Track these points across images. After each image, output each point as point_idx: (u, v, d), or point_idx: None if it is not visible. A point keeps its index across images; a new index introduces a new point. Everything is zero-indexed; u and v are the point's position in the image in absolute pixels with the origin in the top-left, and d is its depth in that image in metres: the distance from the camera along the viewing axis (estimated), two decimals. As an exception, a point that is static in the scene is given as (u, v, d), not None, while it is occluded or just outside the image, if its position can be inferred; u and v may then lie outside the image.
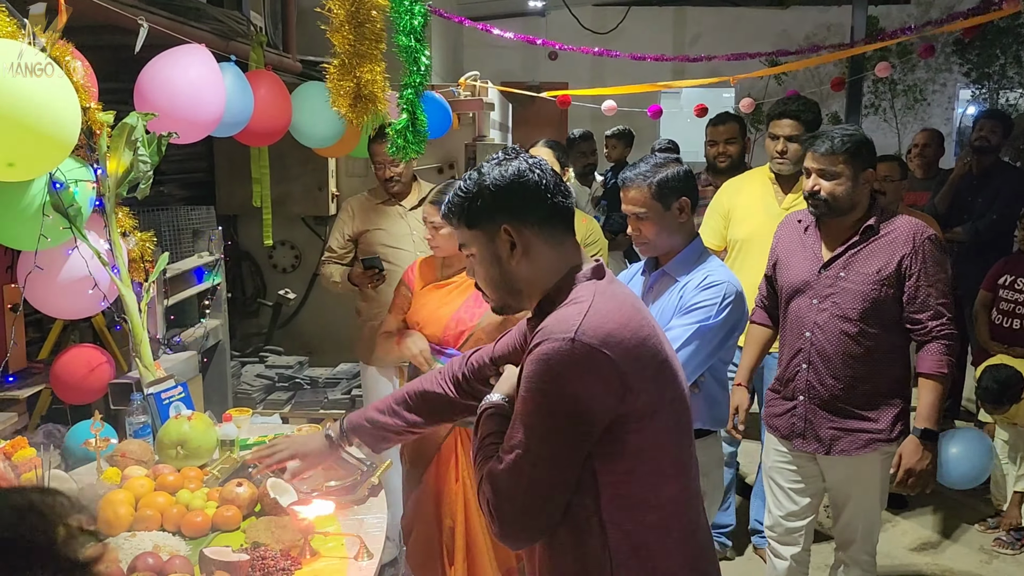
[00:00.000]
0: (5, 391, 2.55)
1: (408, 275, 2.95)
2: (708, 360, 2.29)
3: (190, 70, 2.76)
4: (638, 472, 1.47)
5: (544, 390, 1.43)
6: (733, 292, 2.29)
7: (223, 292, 3.77)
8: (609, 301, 1.50)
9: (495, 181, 1.51)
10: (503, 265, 1.55)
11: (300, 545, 2.04)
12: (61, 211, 2.33)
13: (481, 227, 1.54)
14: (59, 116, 1.91)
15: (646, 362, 1.45)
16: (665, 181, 2.31)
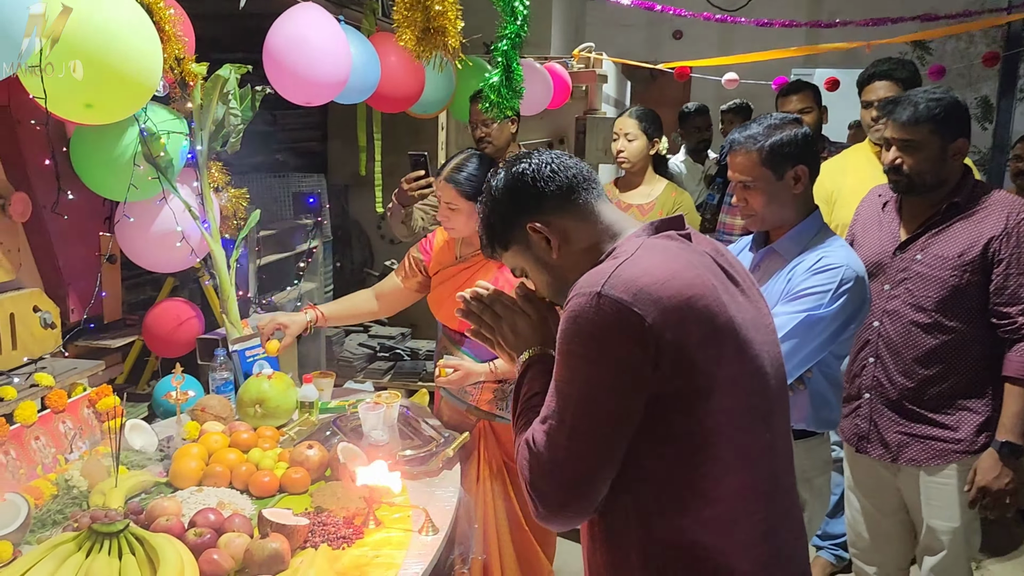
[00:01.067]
0: (97, 340, 2.59)
1: (424, 245, 2.74)
2: (817, 354, 2.00)
3: (319, 30, 2.67)
4: (690, 460, 1.27)
5: (574, 352, 1.25)
6: (852, 277, 1.98)
7: (319, 256, 3.75)
8: (655, 255, 1.30)
9: (498, 192, 1.44)
10: (551, 264, 1.42)
11: (364, 514, 1.96)
12: (151, 161, 2.32)
13: (514, 241, 1.44)
14: (139, 59, 1.87)
15: (691, 328, 1.23)
16: (779, 145, 2.03)
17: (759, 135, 2.05)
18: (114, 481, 2.01)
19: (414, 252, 2.72)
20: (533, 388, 1.39)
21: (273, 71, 2.64)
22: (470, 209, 2.43)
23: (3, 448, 1.99)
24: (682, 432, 1.26)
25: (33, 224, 2.35)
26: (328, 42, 2.66)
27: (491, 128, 3.24)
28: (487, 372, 2.43)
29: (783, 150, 2.03)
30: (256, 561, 1.71)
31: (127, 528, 1.62)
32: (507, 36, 2.49)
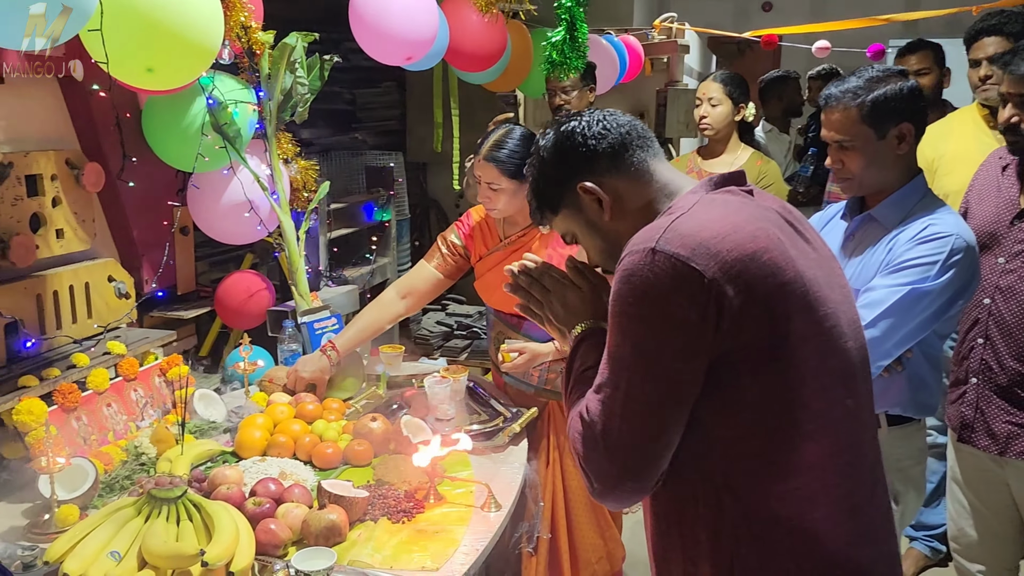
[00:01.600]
0: (171, 311, 2.62)
1: (461, 224, 2.55)
2: (919, 332, 1.82)
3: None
4: (761, 428, 1.15)
5: (628, 313, 1.15)
6: (962, 248, 1.79)
7: (393, 232, 3.72)
8: (713, 209, 1.19)
9: (547, 152, 1.35)
10: (603, 227, 1.33)
11: (426, 488, 1.91)
12: (219, 131, 2.31)
13: (564, 202, 1.35)
14: (199, 22, 1.85)
15: (755, 283, 1.12)
16: (882, 100, 1.82)
17: (859, 89, 1.85)
18: (180, 449, 2.01)
19: (450, 236, 2.55)
20: (586, 362, 1.30)
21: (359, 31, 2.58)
22: (513, 188, 2.31)
23: (75, 414, 2.02)
24: (752, 397, 1.15)
25: (107, 195, 2.38)
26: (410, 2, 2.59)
27: (570, 96, 3.13)
28: (552, 352, 2.34)
29: (886, 105, 1.83)
30: (312, 532, 1.67)
31: (184, 495, 1.60)
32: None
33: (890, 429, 1.97)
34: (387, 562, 1.65)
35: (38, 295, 2.13)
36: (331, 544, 1.66)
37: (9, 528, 1.78)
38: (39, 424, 1.85)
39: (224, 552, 1.49)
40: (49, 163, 2.16)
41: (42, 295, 2.14)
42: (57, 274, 2.19)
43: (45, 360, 2.09)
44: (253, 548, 1.58)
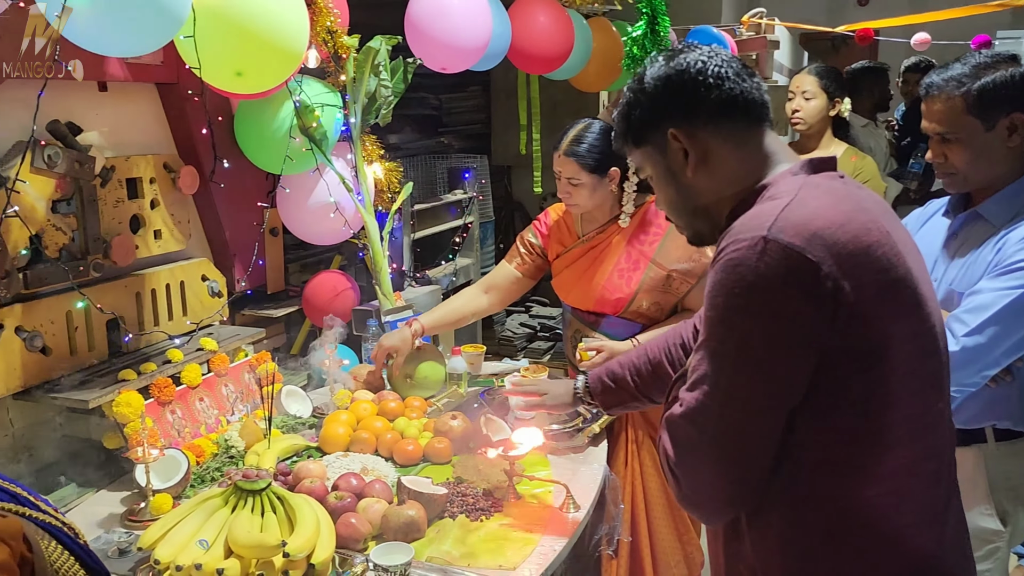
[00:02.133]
0: (261, 310, 2.70)
1: (539, 224, 2.54)
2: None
3: None
4: (852, 430, 1.09)
5: (732, 306, 1.08)
6: None
7: (475, 233, 3.75)
8: (822, 196, 1.12)
9: (653, 81, 1.24)
10: (681, 181, 1.25)
11: (504, 487, 1.90)
12: (306, 133, 2.37)
13: (648, 141, 1.27)
14: (286, 27, 1.90)
15: (869, 279, 1.06)
16: (990, 88, 1.70)
17: (964, 76, 1.73)
18: (267, 443, 2.07)
19: (527, 235, 2.54)
20: None
21: (415, 39, 2.63)
22: (593, 183, 2.29)
23: (170, 407, 2.10)
24: (849, 398, 1.08)
25: (201, 197, 2.47)
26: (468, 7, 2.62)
27: None
28: (631, 349, 2.30)
29: (995, 94, 1.71)
30: (392, 527, 1.69)
31: (269, 487, 1.64)
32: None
33: (998, 444, 1.84)
34: (464, 559, 1.65)
35: (137, 293, 2.22)
36: (410, 540, 1.67)
37: (108, 515, 1.87)
38: (136, 416, 1.93)
39: (305, 544, 1.52)
40: (148, 167, 2.26)
41: (141, 293, 2.23)
42: (155, 273, 2.28)
43: (143, 355, 2.18)
44: (334, 541, 1.60)
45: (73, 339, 2.04)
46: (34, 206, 1.90)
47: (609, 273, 2.36)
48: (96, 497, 1.96)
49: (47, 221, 1.95)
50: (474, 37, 2.69)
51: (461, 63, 2.73)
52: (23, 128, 1.84)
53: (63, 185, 1.99)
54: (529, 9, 3.04)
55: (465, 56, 2.70)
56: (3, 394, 1.88)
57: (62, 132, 1.99)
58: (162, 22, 1.64)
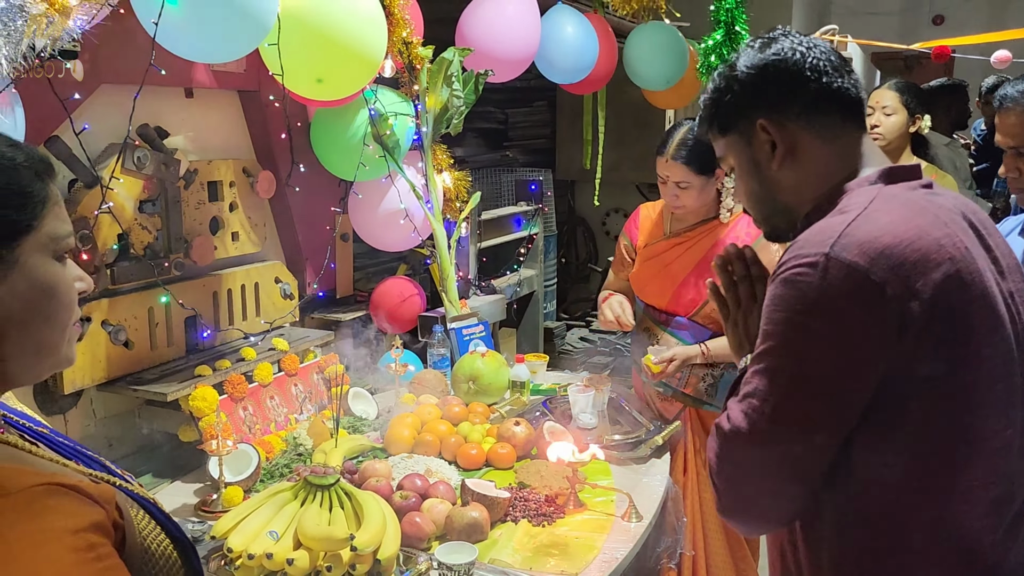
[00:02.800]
0: (331, 313, 2.76)
1: (630, 226, 2.55)
2: None
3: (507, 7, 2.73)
4: (913, 454, 1.04)
5: (793, 322, 1.05)
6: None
7: (540, 245, 3.77)
8: (895, 209, 1.07)
9: (747, 68, 1.19)
10: (763, 173, 1.21)
11: (567, 494, 1.90)
12: (380, 141, 2.43)
13: (735, 129, 1.22)
14: (365, 36, 1.96)
15: (940, 299, 1.01)
16: None
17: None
18: (335, 442, 2.11)
19: (623, 240, 2.57)
20: None
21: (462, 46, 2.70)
22: (702, 184, 2.30)
23: (242, 404, 2.16)
24: (912, 421, 1.04)
25: (277, 202, 2.54)
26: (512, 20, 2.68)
27: None
28: (699, 354, 2.29)
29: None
30: (455, 528, 1.71)
31: (337, 483, 1.67)
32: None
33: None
34: (526, 563, 1.66)
35: (214, 292, 2.30)
36: (473, 541, 1.68)
37: (181, 505, 1.93)
38: (211, 411, 1.99)
39: (372, 539, 1.54)
40: (228, 171, 2.34)
41: (217, 292, 2.31)
42: (231, 273, 2.36)
43: (218, 353, 2.26)
44: (399, 538, 1.62)
45: (154, 334, 2.12)
46: (123, 205, 1.99)
47: (689, 271, 2.36)
48: (171, 488, 2.02)
49: (134, 220, 2.04)
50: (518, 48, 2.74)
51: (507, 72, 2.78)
52: (115, 131, 1.94)
53: (150, 186, 2.07)
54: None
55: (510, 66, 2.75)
56: (88, 385, 1.96)
57: (151, 135, 2.08)
58: (250, 30, 1.71)
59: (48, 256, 0.81)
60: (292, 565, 1.50)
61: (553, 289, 4.82)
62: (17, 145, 0.82)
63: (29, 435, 0.87)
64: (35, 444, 0.84)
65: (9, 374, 0.80)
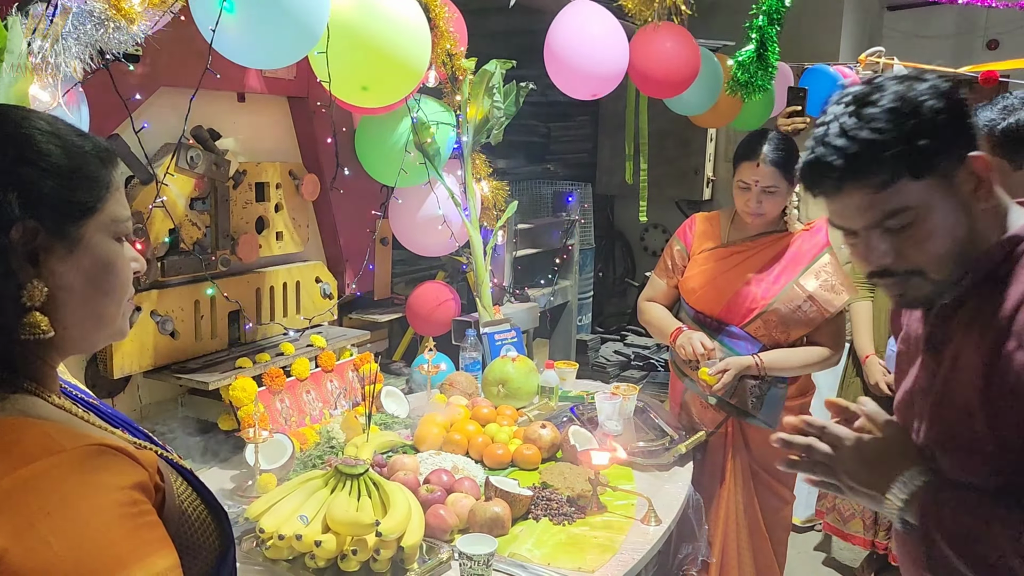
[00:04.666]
0: (368, 314, 2.84)
1: (685, 232, 2.55)
2: None
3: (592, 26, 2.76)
4: None
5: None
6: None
7: (576, 257, 3.82)
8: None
9: (934, 110, 1.04)
10: (969, 215, 1.07)
11: (588, 496, 1.95)
12: (421, 149, 2.51)
13: (938, 171, 1.05)
14: (410, 45, 2.04)
15: None
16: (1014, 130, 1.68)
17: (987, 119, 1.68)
18: (366, 437, 2.18)
19: (675, 247, 2.56)
20: (977, 535, 0.99)
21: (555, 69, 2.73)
22: (786, 190, 2.32)
23: (280, 396, 2.25)
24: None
25: (321, 204, 2.64)
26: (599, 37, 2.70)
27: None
28: (752, 365, 2.31)
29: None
30: (478, 521, 1.76)
31: (366, 472, 1.74)
32: (763, 10, 2.36)
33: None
34: (545, 559, 1.71)
35: (257, 289, 2.39)
36: (494, 535, 1.73)
37: (218, 490, 2.01)
38: (250, 401, 2.08)
39: (397, 526, 1.60)
40: (275, 173, 2.44)
41: (260, 289, 2.40)
42: (274, 271, 2.45)
43: (258, 347, 2.35)
44: (423, 528, 1.68)
45: (199, 326, 2.22)
46: (175, 202, 2.09)
47: (748, 279, 2.37)
48: (209, 473, 2.11)
49: (185, 216, 2.14)
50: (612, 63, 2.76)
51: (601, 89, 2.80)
52: (170, 131, 2.04)
53: (201, 184, 2.17)
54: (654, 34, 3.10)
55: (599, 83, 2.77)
56: (136, 371, 2.06)
57: (203, 136, 2.18)
58: (300, 38, 1.80)
59: (109, 236, 0.89)
60: (320, 547, 1.57)
61: (589, 302, 4.86)
62: (85, 135, 0.90)
63: (82, 404, 0.95)
64: (87, 412, 0.92)
65: (69, 340, 0.88)
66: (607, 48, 2.71)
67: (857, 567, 3.37)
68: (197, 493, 0.98)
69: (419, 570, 1.62)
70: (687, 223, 2.59)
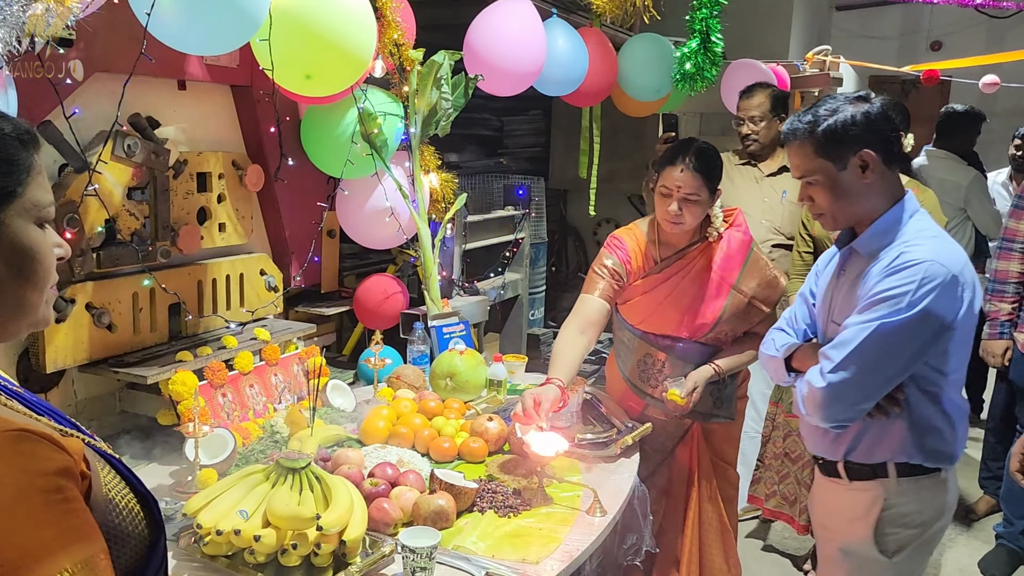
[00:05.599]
0: (314, 308, 2.81)
1: (619, 250, 2.38)
2: (901, 372, 1.67)
3: (512, 22, 2.78)
4: None
5: None
6: (939, 274, 1.60)
7: (527, 251, 3.82)
8: None
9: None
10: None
11: (534, 488, 1.95)
12: (368, 140, 2.48)
13: None
14: (355, 35, 2.01)
15: None
16: (834, 130, 1.68)
17: (811, 123, 1.71)
18: (310, 431, 2.15)
19: (607, 262, 2.38)
20: None
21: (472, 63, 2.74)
22: (706, 200, 2.26)
23: (222, 390, 2.20)
24: None
25: (265, 195, 2.59)
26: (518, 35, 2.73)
27: (757, 127, 3.13)
28: (713, 374, 2.33)
29: (839, 131, 1.69)
30: (422, 514, 1.75)
31: (308, 466, 1.72)
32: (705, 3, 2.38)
33: (900, 481, 1.77)
34: (489, 551, 1.70)
35: (199, 281, 2.35)
36: (438, 528, 1.72)
37: (156, 486, 1.96)
38: (190, 395, 2.03)
39: (338, 520, 1.58)
40: (218, 163, 2.39)
41: (202, 281, 2.35)
42: (217, 264, 2.40)
43: (200, 340, 2.30)
44: (366, 522, 1.66)
45: (137, 319, 2.16)
46: (112, 191, 2.04)
47: (692, 299, 2.33)
48: (147, 469, 2.06)
49: (122, 206, 2.09)
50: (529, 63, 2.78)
51: (512, 87, 2.82)
52: (107, 118, 1.99)
53: (139, 174, 2.12)
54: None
55: (517, 81, 2.79)
56: (70, 365, 2.00)
57: (142, 124, 2.13)
58: (241, 23, 1.76)
59: (30, 221, 0.86)
60: (259, 542, 1.54)
61: (542, 296, 4.87)
62: (4, 116, 0.87)
63: (4, 392, 0.92)
64: (11, 400, 0.89)
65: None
66: (525, 46, 2.73)
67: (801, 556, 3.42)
68: (126, 481, 0.96)
69: (361, 564, 1.60)
70: (617, 242, 2.42)
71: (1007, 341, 3.25)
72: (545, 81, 3.18)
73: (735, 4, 4.99)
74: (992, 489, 3.85)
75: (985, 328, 3.32)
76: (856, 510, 1.79)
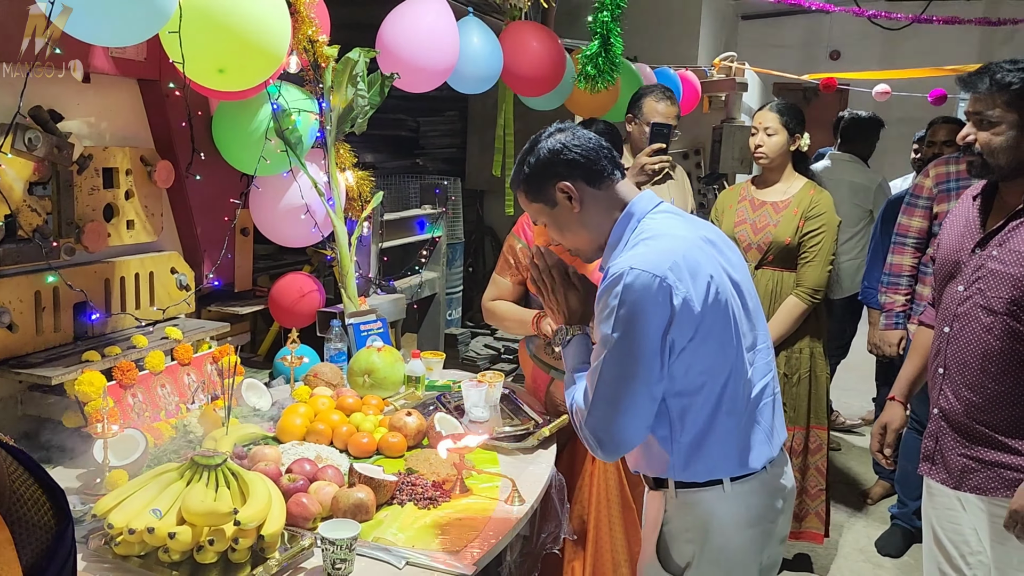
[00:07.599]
0: (228, 307, 2.75)
1: (522, 229, 2.52)
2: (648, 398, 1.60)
3: (424, 19, 2.80)
4: None
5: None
6: (635, 278, 1.54)
7: (444, 249, 3.84)
8: None
9: None
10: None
11: (453, 480, 1.97)
12: (282, 136, 2.46)
13: None
14: (268, 29, 1.99)
15: None
16: (532, 174, 1.71)
17: (520, 166, 1.76)
18: (226, 430, 2.12)
19: (516, 244, 2.51)
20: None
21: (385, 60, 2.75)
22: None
23: (132, 391, 2.15)
24: None
25: (175, 192, 2.54)
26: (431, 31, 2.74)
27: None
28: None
29: (540, 174, 1.72)
30: (341, 508, 1.75)
31: (224, 463, 1.70)
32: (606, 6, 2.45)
33: (677, 491, 1.72)
34: (409, 542, 1.72)
35: (106, 280, 2.28)
36: (358, 521, 1.72)
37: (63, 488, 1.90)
38: (98, 395, 1.98)
39: (256, 515, 1.57)
40: (125, 158, 2.33)
41: (110, 280, 2.29)
42: (125, 262, 2.34)
43: (108, 340, 2.24)
44: (284, 516, 1.66)
45: (40, 319, 2.09)
46: (12, 186, 1.97)
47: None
48: (53, 472, 1.99)
49: (23, 202, 2.01)
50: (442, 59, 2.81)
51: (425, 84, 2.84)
52: (6, 110, 1.91)
53: (41, 168, 2.05)
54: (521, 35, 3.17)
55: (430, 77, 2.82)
56: (-32, 366, 1.92)
57: (43, 118, 2.06)
58: (148, 14, 1.73)
59: None
60: (174, 539, 1.52)
61: (459, 296, 4.88)
62: None
63: None
64: None
65: None
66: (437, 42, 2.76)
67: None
68: (28, 472, 0.94)
69: (280, 557, 1.59)
70: (523, 220, 2.54)
71: (901, 331, 3.44)
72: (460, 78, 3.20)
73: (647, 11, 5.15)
74: (886, 475, 4.08)
75: (881, 319, 3.51)
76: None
